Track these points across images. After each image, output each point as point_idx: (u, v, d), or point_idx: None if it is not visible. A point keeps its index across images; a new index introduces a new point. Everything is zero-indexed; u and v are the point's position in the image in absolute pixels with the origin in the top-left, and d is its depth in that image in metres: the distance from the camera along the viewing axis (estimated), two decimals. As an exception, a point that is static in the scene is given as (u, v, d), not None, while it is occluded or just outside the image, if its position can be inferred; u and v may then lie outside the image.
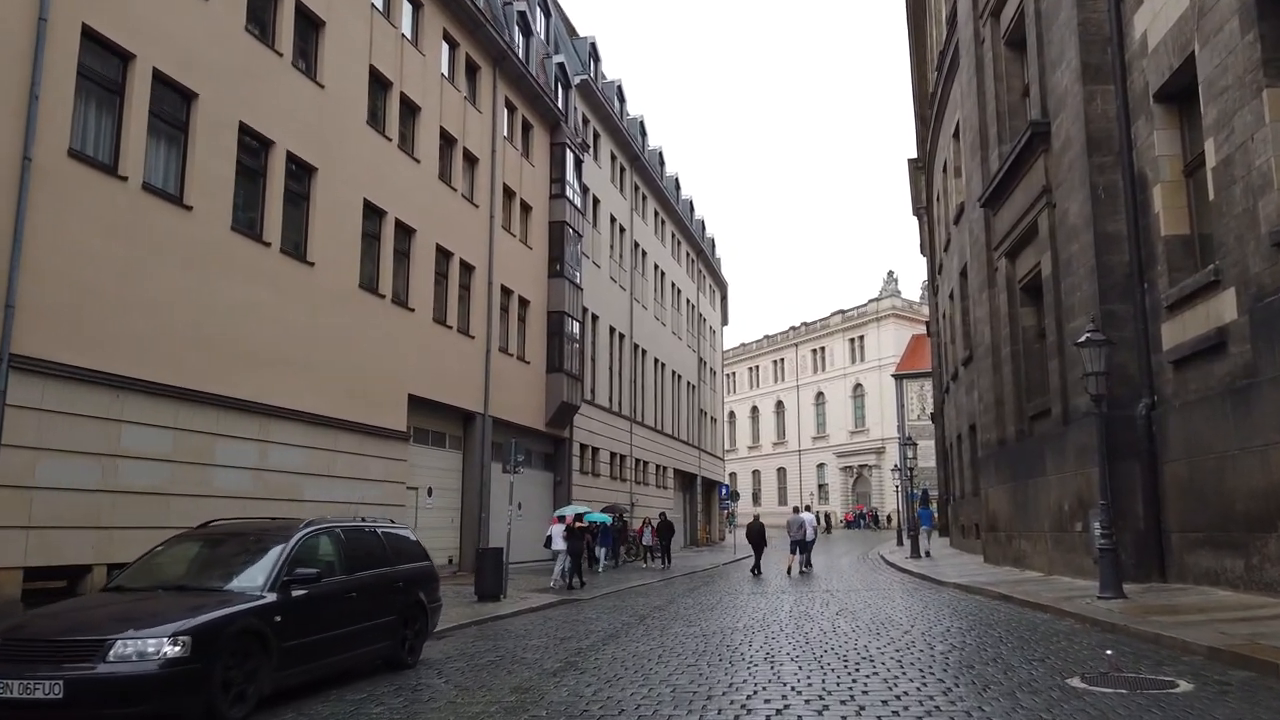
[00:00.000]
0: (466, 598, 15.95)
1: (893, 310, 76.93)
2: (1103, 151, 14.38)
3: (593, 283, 33.39)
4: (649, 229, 42.17)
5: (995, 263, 20.11)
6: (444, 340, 22.54)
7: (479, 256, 24.48)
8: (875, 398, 76.33)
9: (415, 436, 21.64)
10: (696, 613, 13.61)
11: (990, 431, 20.60)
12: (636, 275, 39.53)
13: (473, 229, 24.23)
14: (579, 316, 30.67)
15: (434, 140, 22.39)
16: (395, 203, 20.34)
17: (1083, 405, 14.74)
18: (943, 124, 29.36)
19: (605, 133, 35.94)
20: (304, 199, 17.49)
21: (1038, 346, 18.68)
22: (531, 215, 28.25)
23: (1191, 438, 12.20)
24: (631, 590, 19.11)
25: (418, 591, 8.84)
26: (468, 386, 23.64)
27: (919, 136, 43.70)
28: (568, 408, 29.27)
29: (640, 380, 39.88)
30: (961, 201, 25.68)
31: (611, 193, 36.59)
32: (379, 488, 19.26)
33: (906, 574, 21.39)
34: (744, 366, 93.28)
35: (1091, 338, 12.02)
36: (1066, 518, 15.42)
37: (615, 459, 35.60)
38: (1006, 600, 13.41)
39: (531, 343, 27.87)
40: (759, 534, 24.51)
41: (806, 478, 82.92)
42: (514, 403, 26.28)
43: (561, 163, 29.80)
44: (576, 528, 20.44)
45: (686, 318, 49.30)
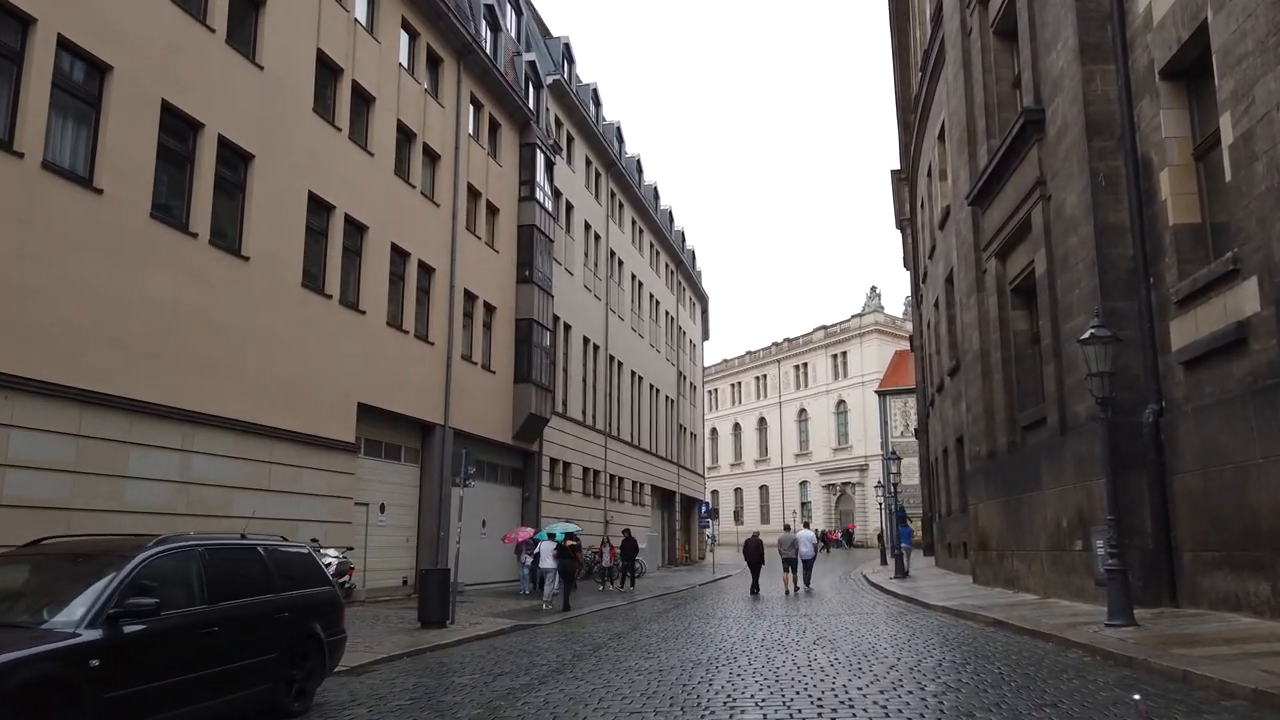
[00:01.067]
0: (409, 623, 14.50)
1: (876, 326, 76.04)
2: (1103, 136, 13.22)
3: (565, 291, 32.09)
4: (626, 237, 40.96)
5: (984, 264, 18.94)
6: (400, 346, 21.15)
7: (440, 258, 23.13)
8: (858, 414, 75.32)
9: (366, 448, 20.22)
10: (658, 641, 12.23)
11: (979, 443, 19.38)
12: (612, 284, 38.27)
13: (433, 229, 22.90)
14: (550, 325, 29.35)
15: (390, 133, 21.08)
16: (345, 197, 19.00)
17: (1082, 412, 13.53)
18: (927, 127, 28.32)
19: (580, 136, 34.75)
20: (239, 188, 16.13)
21: (1030, 352, 17.49)
22: (499, 218, 26.95)
23: (1207, 446, 10.97)
24: (595, 615, 17.69)
25: (312, 623, 7.43)
26: (426, 396, 22.23)
27: (902, 145, 42.84)
28: (537, 420, 27.88)
29: (616, 393, 38.54)
30: (947, 205, 24.59)
31: (586, 198, 35.37)
32: (322, 503, 17.81)
33: (891, 596, 20.07)
34: (726, 382, 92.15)
35: (1096, 333, 10.79)
36: (1065, 535, 14.16)
37: (589, 474, 34.19)
38: (1001, 627, 12.11)
39: (498, 351, 26.51)
40: (757, 551, 23.57)
41: (789, 495, 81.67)
42: (478, 414, 24.89)
43: (531, 164, 28.55)
44: (568, 545, 19.60)
45: (665, 330, 48.06)
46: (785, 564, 22.89)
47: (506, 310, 27.11)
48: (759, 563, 23.52)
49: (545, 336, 28.87)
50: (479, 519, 24.92)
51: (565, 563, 18.99)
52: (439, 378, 22.86)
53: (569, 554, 19.34)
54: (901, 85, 39.36)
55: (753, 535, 25.02)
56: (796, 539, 23.38)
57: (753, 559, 23.50)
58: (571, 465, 32.14)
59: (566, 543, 19.73)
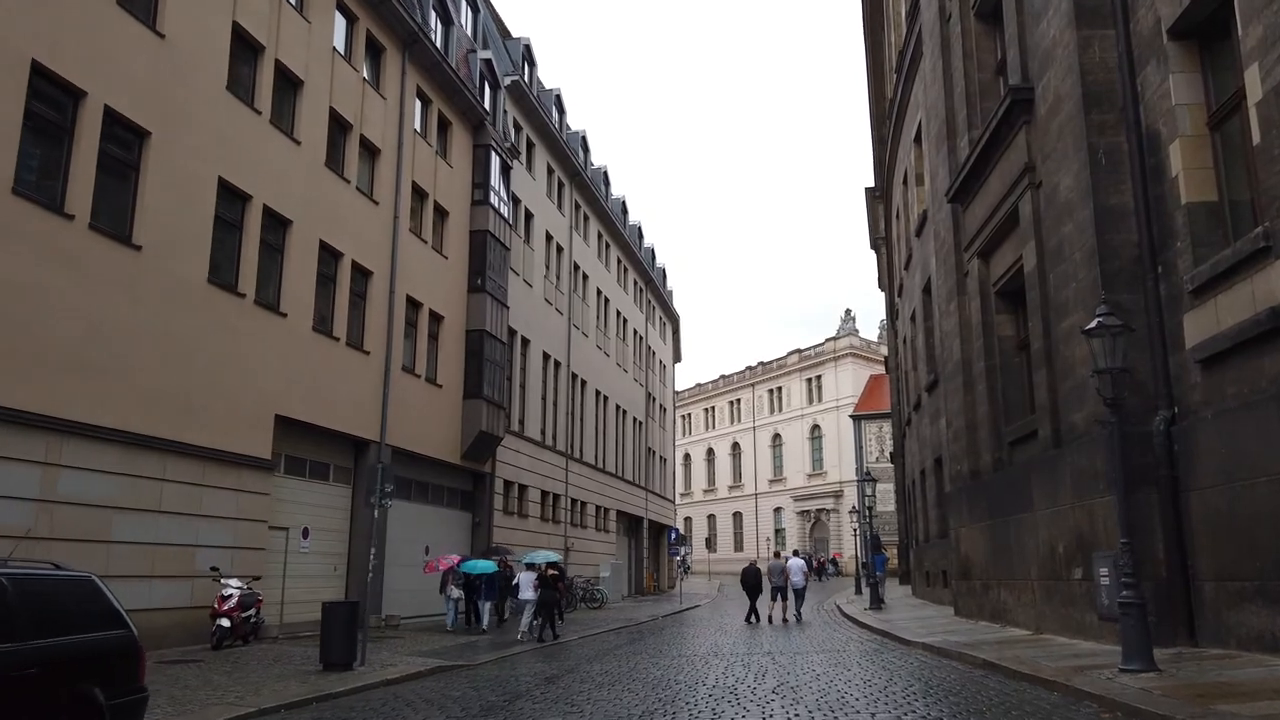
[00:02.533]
0: (313, 665, 12.52)
1: (850, 350, 74.77)
2: (1102, 108, 11.71)
3: (523, 303, 30.30)
4: (591, 251, 39.30)
5: (965, 266, 17.40)
6: (328, 354, 19.25)
7: (378, 261, 21.30)
8: (833, 439, 73.84)
9: (286, 466, 18.26)
10: (592, 688, 10.36)
11: (961, 462, 17.73)
12: (576, 299, 36.54)
13: (371, 229, 21.08)
14: (504, 338, 27.53)
15: (321, 122, 19.31)
16: (265, 187, 17.18)
17: (1080, 422, 11.90)
18: (902, 132, 26.97)
19: (541, 143, 33.13)
20: (131, 168, 14.27)
21: (1017, 360, 15.92)
22: (449, 221, 25.18)
23: (1232, 457, 9.34)
24: (534, 653, 15.74)
25: (84, 683, 5.56)
26: (360, 410, 20.31)
27: (876, 162, 41.70)
28: (488, 439, 25.97)
29: (579, 413, 36.68)
30: (924, 210, 23.14)
31: (548, 208, 33.70)
32: (229, 527, 15.82)
33: (865, 630, 18.29)
34: (699, 407, 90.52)
35: (1104, 322, 9.15)
36: (1061, 562, 12.47)
37: (548, 498, 32.23)
38: (993, 670, 10.36)
39: (446, 364, 24.64)
40: (755, 579, 22.73)
41: (763, 522, 79.87)
42: (421, 431, 22.96)
43: (486, 167, 26.86)
44: (549, 575, 18.38)
45: (634, 349, 46.35)
46: (774, 592, 22.42)
47: (456, 320, 25.28)
48: (757, 590, 22.68)
49: (499, 350, 27.05)
50: (421, 544, 22.94)
51: (548, 594, 17.97)
52: (375, 390, 20.95)
53: (551, 584, 18.19)
54: (876, 98, 38.26)
55: (750, 563, 24.17)
56: (786, 567, 22.84)
57: (750, 587, 22.70)
58: (528, 488, 30.18)
59: (548, 572, 18.50)
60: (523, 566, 21.84)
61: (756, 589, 22.68)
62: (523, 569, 20.98)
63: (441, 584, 20.54)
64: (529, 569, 19.55)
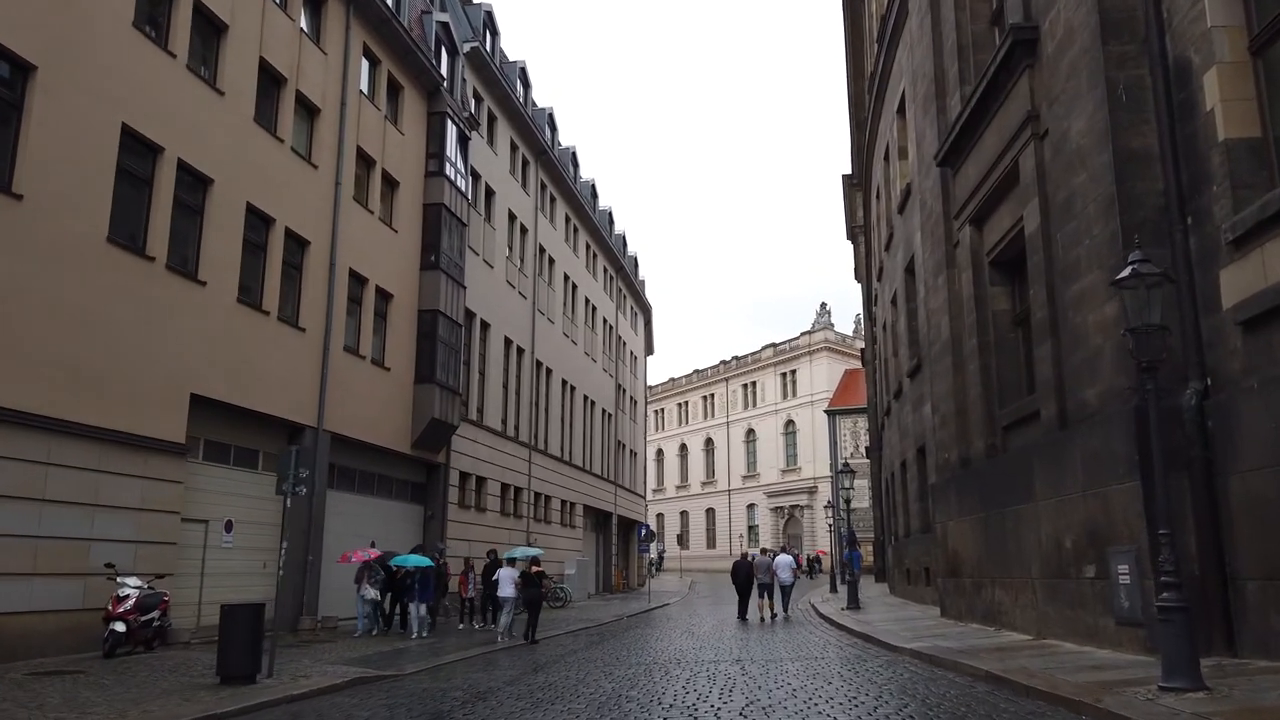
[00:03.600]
0: (213, 677, 10.78)
1: (825, 344, 73.62)
2: (1122, 38, 10.23)
3: (483, 284, 28.58)
4: (558, 235, 37.59)
5: (956, 235, 15.94)
6: (256, 329, 17.46)
7: (317, 230, 19.51)
8: (807, 435, 72.69)
9: (206, 452, 16.50)
10: (524, 710, 8.72)
11: (949, 449, 16.27)
12: (541, 283, 34.83)
13: (308, 195, 19.30)
14: (461, 320, 25.79)
15: (249, 73, 17.50)
16: (179, 139, 15.36)
17: (1094, 398, 10.43)
18: (884, 105, 25.52)
19: (504, 116, 31.38)
20: (14, 108, 12.44)
21: (1013, 337, 14.47)
22: (399, 193, 23.41)
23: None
24: (477, 659, 14.07)
25: None
26: (294, 392, 18.54)
27: (854, 147, 40.42)
28: (442, 427, 24.24)
29: (544, 403, 34.99)
30: (908, 184, 21.70)
31: (511, 186, 31.96)
32: (131, 518, 14.02)
33: (844, 633, 16.80)
34: (673, 402, 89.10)
35: (1139, 269, 7.63)
36: (1069, 559, 11.00)
37: (509, 491, 30.51)
38: (999, 684, 8.84)
39: (395, 346, 22.87)
40: (746, 575, 21.97)
41: (736, 519, 78.63)
42: (365, 416, 21.20)
43: (441, 135, 25.09)
44: (534, 573, 17.41)
45: (603, 339, 44.70)
46: (760, 589, 21.80)
47: (407, 299, 23.52)
48: (748, 587, 21.91)
49: (455, 332, 25.31)
50: (367, 539, 21.15)
51: (532, 592, 17.08)
52: (312, 371, 19.17)
53: (535, 582, 17.29)
54: (854, 78, 36.91)
55: (741, 557, 23.29)
56: (774, 564, 22.33)
57: (741, 583, 21.99)
58: (487, 480, 28.46)
59: (532, 569, 17.52)
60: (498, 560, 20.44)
61: (747, 585, 21.91)
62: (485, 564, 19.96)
63: (357, 581, 18.31)
64: (510, 565, 18.43)
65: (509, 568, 18.36)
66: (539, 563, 18.35)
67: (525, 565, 17.85)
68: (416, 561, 17.91)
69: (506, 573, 17.87)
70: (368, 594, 17.90)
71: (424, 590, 17.73)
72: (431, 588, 17.91)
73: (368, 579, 17.94)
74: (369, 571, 18.05)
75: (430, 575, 17.89)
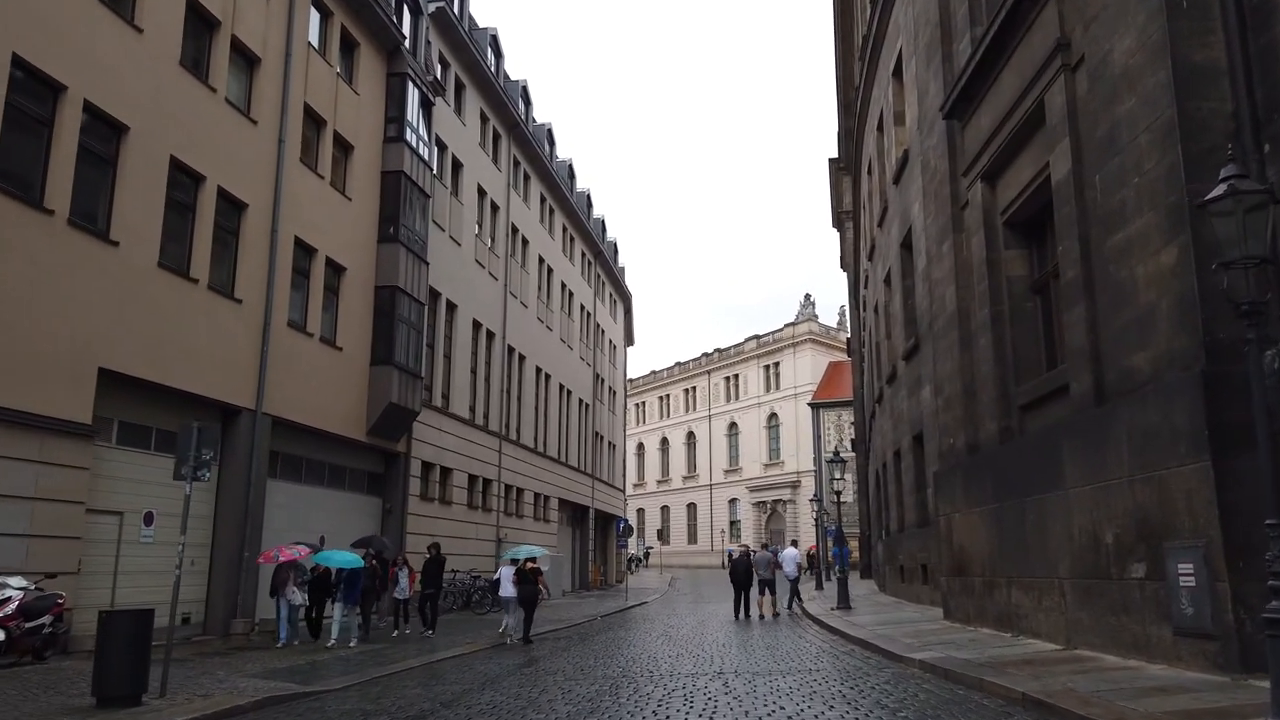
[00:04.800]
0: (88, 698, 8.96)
1: (810, 335, 72.15)
2: (1180, -66, 8.58)
3: (449, 262, 26.74)
4: (532, 214, 35.75)
5: (964, 195, 14.29)
6: (182, 298, 15.58)
7: (256, 192, 17.64)
8: (791, 428, 71.23)
9: (120, 435, 14.64)
10: (457, 744, 6.98)
11: (954, 434, 14.64)
12: (513, 265, 32.99)
13: (246, 152, 17.41)
14: (423, 298, 23.95)
15: (176, 12, 15.59)
16: (84, 77, 13.45)
17: (1145, 364, 8.79)
18: (878, 67, 23.87)
19: (473, 85, 29.50)
20: None
21: (1030, 306, 12.85)
22: (354, 158, 21.54)
23: None
24: (411, 674, 12.28)
25: None
26: (228, 369, 16.68)
27: (842, 129, 38.88)
28: (401, 413, 22.41)
29: (517, 391, 33.18)
30: (905, 150, 20.08)
31: (480, 159, 30.10)
32: (23, 509, 12.17)
33: (838, 637, 15.15)
34: (654, 396, 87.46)
35: (1236, 185, 5.95)
36: (1110, 556, 9.35)
37: (477, 483, 28.70)
38: (1047, 712, 7.17)
39: (348, 323, 21.03)
40: (745, 571, 21.06)
41: (718, 514, 77.11)
42: (313, 399, 19.37)
43: (401, 99, 23.22)
44: (529, 570, 16.69)
45: (581, 326, 42.91)
46: (762, 586, 20.98)
47: (362, 273, 21.67)
48: (747, 584, 20.97)
49: (416, 311, 23.47)
50: (316, 535, 19.30)
51: (528, 589, 16.35)
52: (250, 347, 17.31)
53: (530, 580, 16.51)
54: (843, 58, 35.33)
55: (741, 553, 22.24)
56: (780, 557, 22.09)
57: (740, 579, 21.01)
58: (453, 471, 26.65)
59: (526, 566, 16.84)
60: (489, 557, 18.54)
61: (746, 582, 20.92)
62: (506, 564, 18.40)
63: (274, 585, 15.89)
64: (511, 564, 17.64)
65: (508, 567, 17.44)
66: (534, 560, 17.46)
67: (522, 564, 17.08)
68: (342, 560, 15.88)
69: (506, 571, 17.14)
70: (294, 598, 15.66)
71: (349, 592, 15.68)
72: (358, 589, 15.92)
73: (294, 580, 15.76)
74: (296, 572, 15.91)
75: (359, 576, 15.83)
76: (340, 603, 15.57)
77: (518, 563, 17.37)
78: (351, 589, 15.63)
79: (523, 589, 16.34)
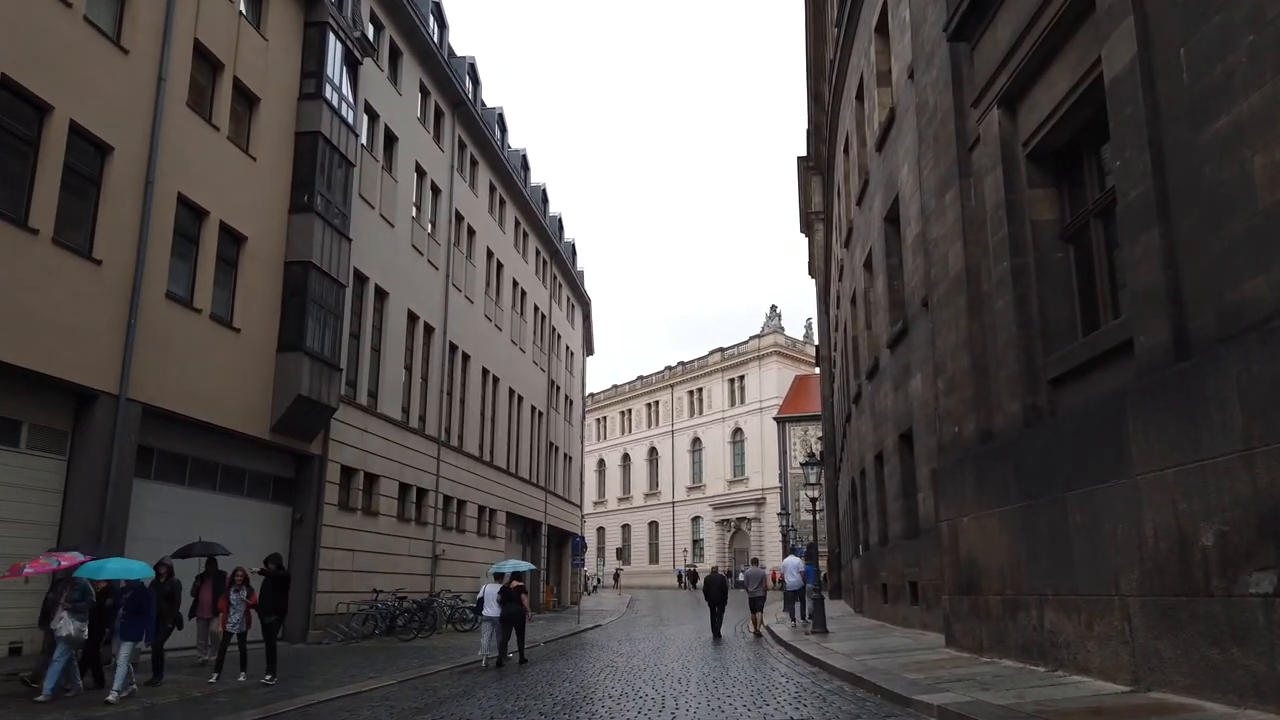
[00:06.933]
0: None
1: (776, 347, 70.01)
2: None
3: (380, 244, 23.92)
4: (479, 203, 32.99)
5: (975, 129, 11.82)
6: (15, 251, 12.62)
7: (125, 133, 14.75)
8: (756, 444, 68.90)
9: (-80, 417, 11.59)
10: None
11: (961, 421, 12.09)
12: (457, 255, 30.18)
13: (112, 85, 14.54)
14: (345, 280, 21.09)
15: (14, -101, 12.75)
16: None
17: (1267, 294, 6.26)
18: (857, 29, 21.55)
19: (411, 52, 26.79)
20: None
21: (1061, 256, 10.37)
22: (260, 112, 18.71)
23: None
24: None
25: None
26: (83, 344, 13.72)
27: (812, 125, 36.86)
28: (313, 408, 19.48)
29: (460, 393, 30.30)
30: (891, 110, 17.73)
31: (418, 135, 27.34)
32: None
33: (818, 668, 12.49)
34: (615, 410, 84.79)
35: None
36: (1211, 563, 6.76)
37: (410, 493, 25.72)
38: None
39: (250, 302, 18.13)
40: (720, 588, 20.83)
41: (680, 532, 74.38)
42: (202, 387, 16.42)
43: (321, 51, 20.46)
44: (513, 587, 15.89)
45: (535, 328, 40.14)
46: (753, 603, 20.59)
47: (268, 245, 18.79)
48: (721, 601, 20.56)
49: (335, 293, 20.60)
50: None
51: (512, 608, 15.49)
52: (112, 319, 14.36)
53: (515, 598, 15.67)
54: (815, 39, 33.23)
55: (713, 570, 22.62)
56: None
57: (714, 597, 20.66)
58: (380, 479, 23.67)
59: (512, 584, 15.98)
60: None
61: (720, 600, 20.46)
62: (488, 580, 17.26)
63: (44, 612, 11.58)
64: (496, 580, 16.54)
65: (493, 584, 16.33)
66: (520, 577, 16.70)
67: (507, 580, 16.22)
68: (125, 571, 11.56)
69: (491, 589, 16.12)
70: (65, 628, 10.89)
71: (133, 621, 11.21)
72: (151, 616, 11.48)
73: (64, 603, 11.03)
74: (67, 592, 11.23)
75: (148, 598, 11.54)
76: (119, 636, 11.18)
77: (503, 579, 16.37)
78: (139, 614, 11.26)
79: (508, 608, 15.52)
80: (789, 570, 22.00)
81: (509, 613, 15.49)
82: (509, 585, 15.96)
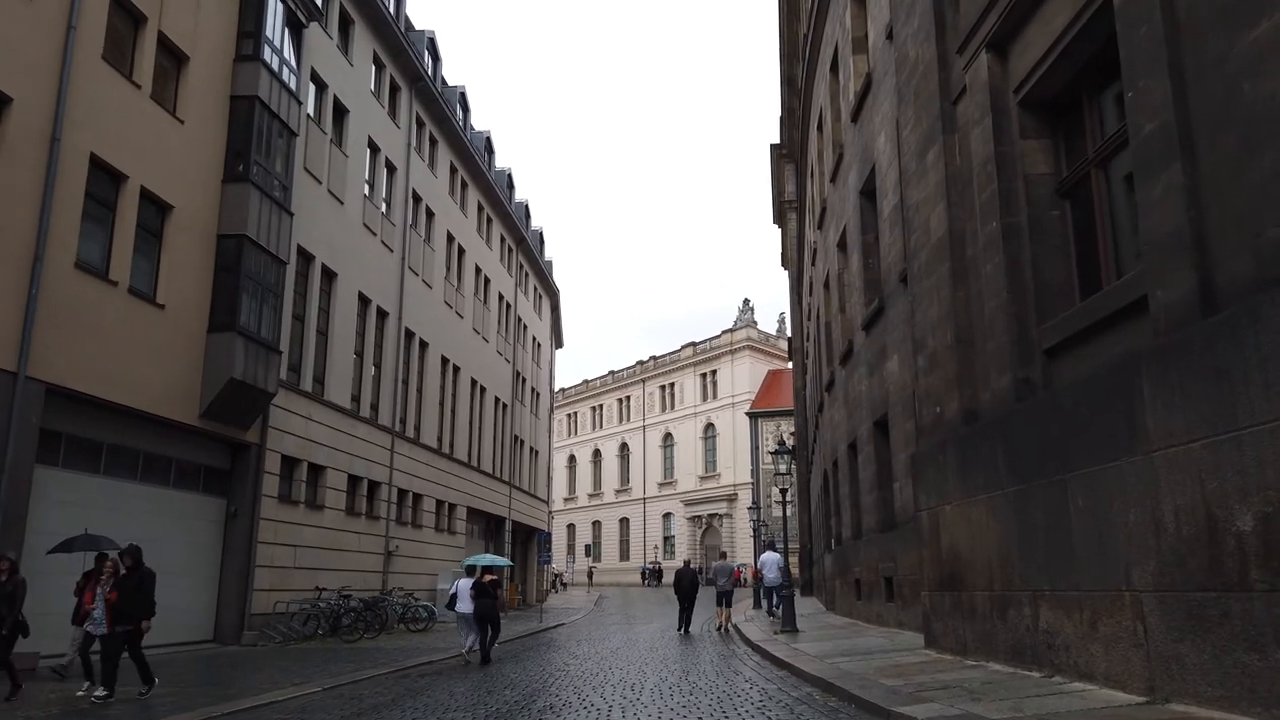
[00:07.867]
0: None
1: (748, 342, 69.12)
2: None
3: (327, 221, 22.57)
4: (439, 184, 31.64)
5: (961, 79, 10.75)
6: (-112, 207, 11.22)
7: (26, 84, 13.38)
8: (728, 439, 67.97)
9: None
10: None
11: (943, 400, 11.03)
12: (414, 237, 28.83)
13: (11, 30, 13.14)
14: (286, 257, 19.72)
15: None
16: None
17: (1324, 225, 5.16)
18: (830, 2, 20.50)
19: (364, 22, 25.43)
20: None
21: (1057, 214, 9.32)
22: (189, 72, 17.33)
23: None
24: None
25: None
26: (-28, 315, 12.31)
27: (784, 110, 35.82)
28: (249, 393, 18.12)
29: (417, 382, 28.98)
30: (867, 76, 16.73)
31: (372, 109, 25.97)
32: None
33: (786, 672, 11.40)
34: (586, 406, 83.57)
35: None
36: (1248, 552, 5.69)
37: (360, 485, 24.38)
38: None
39: (176, 276, 16.75)
40: (690, 583, 20.28)
41: (651, 528, 73.34)
42: (119, 367, 15.04)
43: (259, 11, 19.09)
44: (487, 582, 15.34)
45: (499, 317, 38.84)
46: (720, 597, 19.97)
47: (198, 216, 17.41)
48: (691, 596, 20.11)
49: (275, 271, 19.24)
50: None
51: (485, 603, 14.88)
52: (9, 289, 12.96)
53: (489, 592, 15.14)
54: (788, 19, 32.19)
55: (684, 564, 21.75)
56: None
57: (684, 592, 20.14)
58: (326, 470, 22.31)
59: (485, 578, 15.43)
60: None
61: (690, 595, 20.01)
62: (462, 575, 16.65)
63: None
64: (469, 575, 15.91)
65: (465, 579, 15.58)
66: (493, 571, 16.45)
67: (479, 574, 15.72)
68: None
69: (464, 584, 15.40)
70: None
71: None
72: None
73: None
74: None
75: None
76: None
77: (474, 573, 15.77)
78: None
79: (481, 603, 14.85)
80: (769, 566, 21.52)
81: (483, 609, 14.89)
82: (482, 579, 15.40)
